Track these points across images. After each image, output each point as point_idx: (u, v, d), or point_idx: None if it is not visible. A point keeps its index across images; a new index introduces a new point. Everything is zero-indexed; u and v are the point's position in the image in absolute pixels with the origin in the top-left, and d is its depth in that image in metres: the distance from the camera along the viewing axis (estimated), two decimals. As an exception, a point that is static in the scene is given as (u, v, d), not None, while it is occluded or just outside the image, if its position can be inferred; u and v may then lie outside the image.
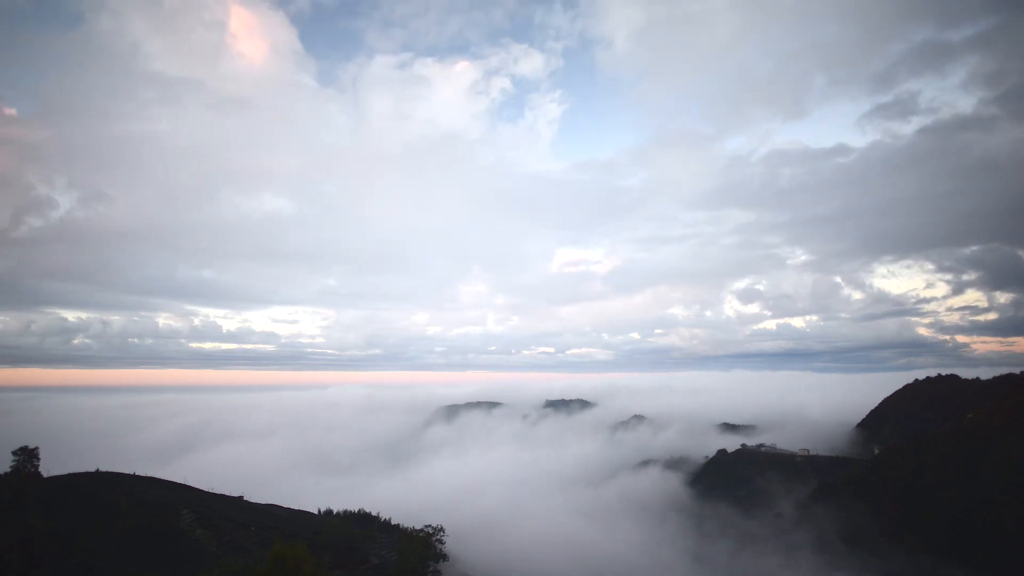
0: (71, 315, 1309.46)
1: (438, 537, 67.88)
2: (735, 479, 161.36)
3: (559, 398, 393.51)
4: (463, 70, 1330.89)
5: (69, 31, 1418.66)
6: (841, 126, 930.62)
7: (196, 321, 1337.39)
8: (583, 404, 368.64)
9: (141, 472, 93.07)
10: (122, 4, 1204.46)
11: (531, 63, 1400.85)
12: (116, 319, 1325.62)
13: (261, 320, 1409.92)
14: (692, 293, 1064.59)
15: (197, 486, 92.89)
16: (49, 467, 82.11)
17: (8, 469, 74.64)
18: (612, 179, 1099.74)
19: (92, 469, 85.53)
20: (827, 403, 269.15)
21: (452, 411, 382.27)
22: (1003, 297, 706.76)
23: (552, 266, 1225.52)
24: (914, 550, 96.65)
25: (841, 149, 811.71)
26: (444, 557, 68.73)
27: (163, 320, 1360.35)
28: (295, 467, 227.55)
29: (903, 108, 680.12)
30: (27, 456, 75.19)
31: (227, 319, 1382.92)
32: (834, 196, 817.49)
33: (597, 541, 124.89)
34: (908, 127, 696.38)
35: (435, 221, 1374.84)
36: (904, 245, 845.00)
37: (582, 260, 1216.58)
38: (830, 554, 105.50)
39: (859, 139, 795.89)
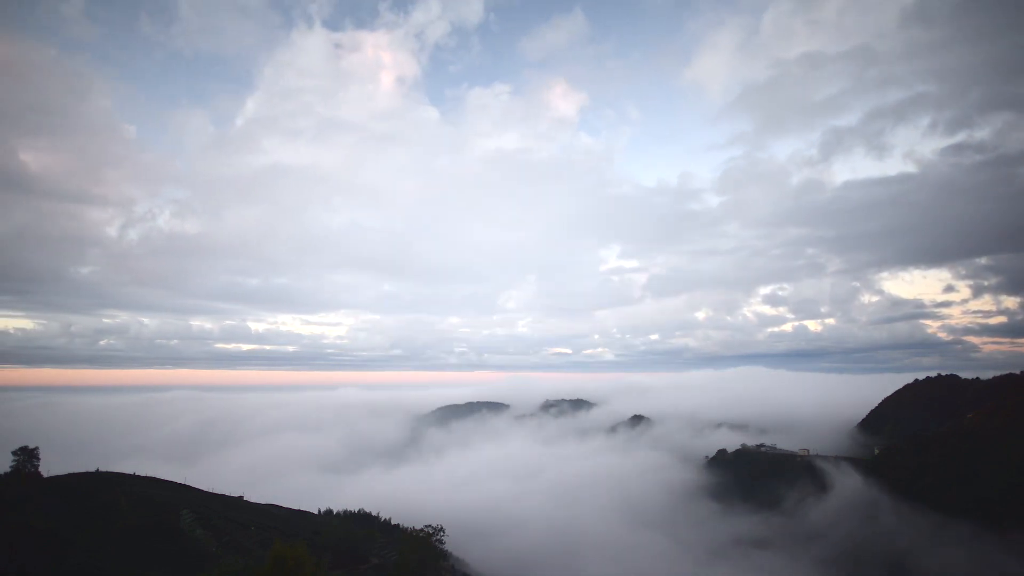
0: (134, 319, 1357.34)
1: (438, 537, 67.98)
2: (735, 478, 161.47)
3: (560, 398, 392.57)
4: (556, 97, 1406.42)
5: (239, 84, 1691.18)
6: (910, 159, 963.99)
7: (228, 322, 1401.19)
8: (584, 404, 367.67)
9: (141, 472, 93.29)
10: (291, 61, 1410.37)
11: (618, 102, 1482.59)
12: (153, 322, 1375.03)
13: (299, 323, 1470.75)
14: (722, 297, 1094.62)
15: (197, 486, 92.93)
16: (59, 465, 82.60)
17: (8, 469, 74.86)
18: (685, 203, 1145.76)
19: (92, 469, 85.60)
20: (829, 403, 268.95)
21: (454, 411, 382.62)
22: (1011, 301, 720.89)
23: (598, 274, 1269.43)
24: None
25: (903, 178, 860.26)
26: (444, 557, 68.76)
27: (200, 323, 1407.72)
28: (295, 467, 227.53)
29: (974, 149, 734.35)
30: (27, 456, 75.35)
31: (258, 321, 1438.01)
32: (884, 215, 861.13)
33: (591, 539, 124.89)
34: (969, 160, 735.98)
35: (504, 235, 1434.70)
36: (934, 255, 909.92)
37: (627, 268, 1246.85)
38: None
39: (921, 168, 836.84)
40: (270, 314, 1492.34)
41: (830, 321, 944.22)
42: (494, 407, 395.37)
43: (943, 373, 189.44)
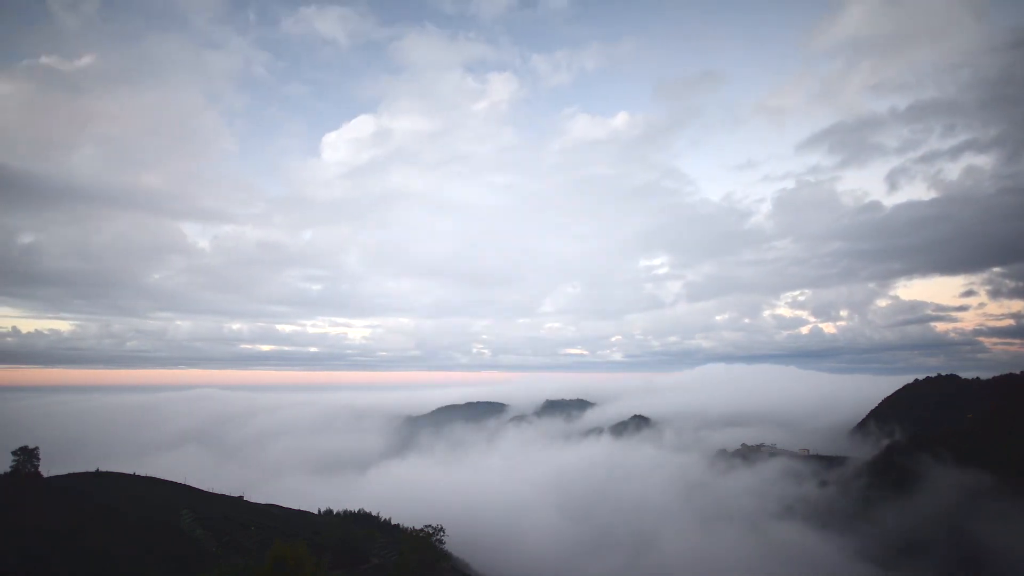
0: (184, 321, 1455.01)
1: (438, 537, 67.93)
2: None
3: (561, 398, 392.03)
4: (628, 123, 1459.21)
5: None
6: (957, 185, 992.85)
7: (259, 324, 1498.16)
8: (585, 404, 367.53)
9: (142, 470, 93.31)
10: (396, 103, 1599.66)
11: (705, 134, 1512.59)
12: (187, 324, 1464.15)
13: (327, 325, 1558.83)
14: (749, 301, 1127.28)
15: (197, 486, 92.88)
16: (62, 464, 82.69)
17: (8, 469, 74.79)
18: (744, 222, 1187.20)
19: (92, 469, 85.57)
20: (830, 402, 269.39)
21: (452, 412, 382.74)
22: (1019, 305, 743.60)
23: (638, 281, 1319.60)
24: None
25: (946, 199, 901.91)
26: (445, 557, 68.62)
27: (237, 326, 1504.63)
28: (296, 466, 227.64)
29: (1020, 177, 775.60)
30: (27, 456, 75.28)
31: (296, 325, 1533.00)
32: (922, 231, 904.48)
33: (586, 536, 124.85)
34: (1016, 184, 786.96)
35: (565, 246, 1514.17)
36: (955, 264, 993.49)
37: (667, 275, 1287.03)
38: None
39: (964, 191, 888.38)
40: (311, 318, 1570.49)
41: (848, 324, 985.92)
42: (493, 407, 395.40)
43: (943, 373, 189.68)
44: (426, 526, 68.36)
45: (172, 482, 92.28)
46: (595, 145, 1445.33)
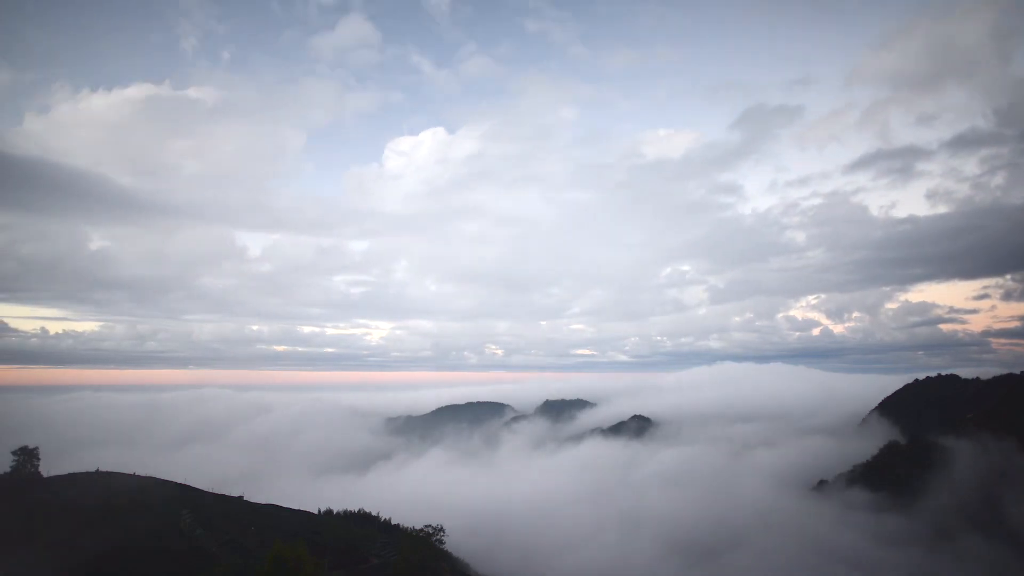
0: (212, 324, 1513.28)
1: (438, 537, 68.00)
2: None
3: (561, 398, 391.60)
4: (674, 138, 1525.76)
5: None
6: (987, 197, 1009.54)
7: (282, 325, 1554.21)
8: (584, 404, 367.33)
9: (141, 469, 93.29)
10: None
11: (766, 154, 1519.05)
12: (212, 326, 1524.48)
13: (349, 327, 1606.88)
14: (768, 304, 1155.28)
15: (197, 486, 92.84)
16: (52, 465, 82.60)
17: (8, 469, 74.89)
18: (780, 234, 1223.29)
19: (92, 469, 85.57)
20: (835, 400, 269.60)
21: (452, 412, 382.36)
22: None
23: (664, 285, 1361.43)
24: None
25: (974, 211, 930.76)
26: (445, 557, 68.62)
27: (259, 327, 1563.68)
28: (296, 467, 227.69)
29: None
30: (27, 456, 75.40)
31: (306, 326, 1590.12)
32: (949, 240, 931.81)
33: (579, 536, 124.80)
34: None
35: (603, 253, 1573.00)
36: (975, 269, 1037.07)
37: (691, 280, 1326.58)
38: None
39: (985, 203, 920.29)
40: (341, 321, 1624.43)
41: (859, 325, 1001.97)
42: (494, 407, 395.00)
43: (943, 373, 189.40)
44: (426, 526, 68.43)
45: (172, 482, 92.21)
46: (660, 163, 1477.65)
